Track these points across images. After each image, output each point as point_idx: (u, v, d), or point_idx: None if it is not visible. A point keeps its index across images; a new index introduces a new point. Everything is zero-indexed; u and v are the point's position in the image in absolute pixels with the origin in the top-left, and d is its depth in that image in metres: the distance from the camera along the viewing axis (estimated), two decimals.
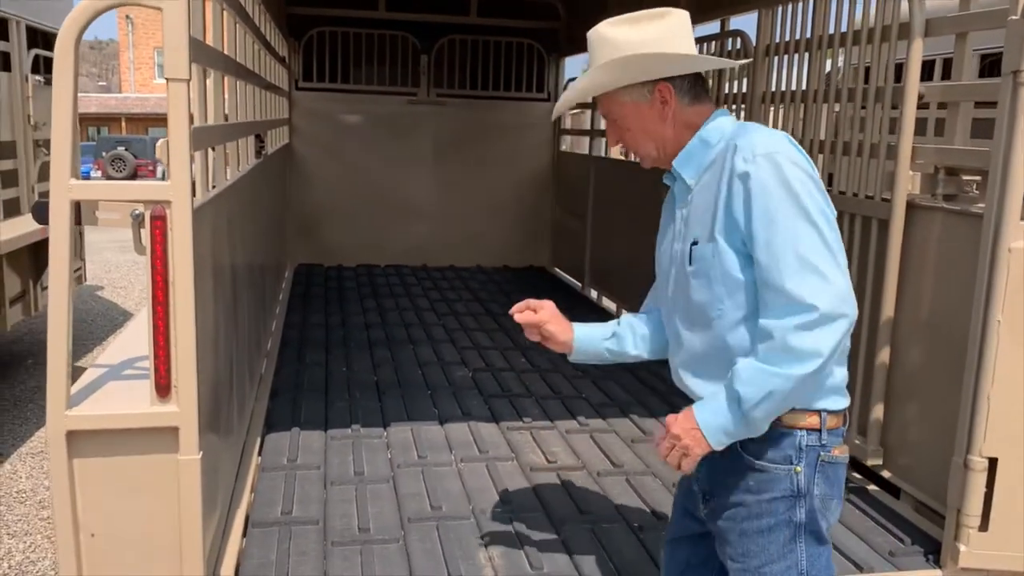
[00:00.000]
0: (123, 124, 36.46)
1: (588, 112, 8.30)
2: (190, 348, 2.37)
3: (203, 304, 2.57)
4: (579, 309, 6.96)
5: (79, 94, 2.31)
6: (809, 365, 1.68)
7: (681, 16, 1.91)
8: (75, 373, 2.42)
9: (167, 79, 2.28)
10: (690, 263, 1.87)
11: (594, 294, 7.68)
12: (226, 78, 3.66)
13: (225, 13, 3.51)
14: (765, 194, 1.71)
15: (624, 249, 6.95)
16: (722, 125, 1.90)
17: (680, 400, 2.01)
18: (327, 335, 5.76)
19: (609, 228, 7.29)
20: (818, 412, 1.82)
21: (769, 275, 1.72)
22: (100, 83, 53.63)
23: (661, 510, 3.32)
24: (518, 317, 2.17)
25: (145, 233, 2.35)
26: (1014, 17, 2.65)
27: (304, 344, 5.50)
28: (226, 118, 3.65)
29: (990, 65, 5.36)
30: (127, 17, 38.71)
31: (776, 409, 1.74)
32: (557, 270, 8.75)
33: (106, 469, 2.41)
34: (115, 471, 2.41)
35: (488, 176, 8.64)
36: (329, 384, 4.71)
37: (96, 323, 8.73)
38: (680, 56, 1.86)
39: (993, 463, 2.77)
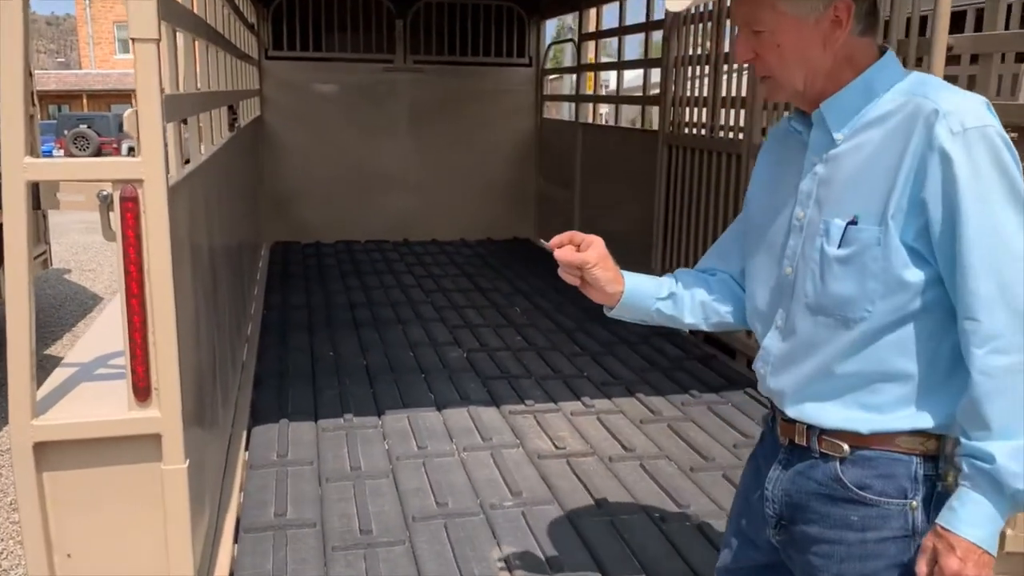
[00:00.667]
0: (84, 101, 35.47)
1: (572, 76, 8.01)
2: (171, 346, 2.10)
3: (183, 294, 2.30)
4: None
5: (36, 71, 2.01)
6: None
7: None
8: (43, 368, 2.14)
9: (133, 39, 1.99)
10: (840, 244, 1.46)
11: None
12: (196, 44, 3.35)
13: None
14: (978, 179, 1.35)
15: (615, 219, 6.71)
16: (893, 71, 1.50)
17: (686, 378, 1.71)
18: (310, 317, 5.49)
19: (598, 197, 7.05)
20: (938, 436, 1.47)
21: (983, 285, 1.35)
22: (59, 59, 52.27)
23: (680, 498, 3.12)
24: (558, 253, 1.66)
25: (114, 216, 2.07)
26: None
27: (286, 327, 5.22)
28: (198, 88, 3.35)
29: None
30: None
31: None
32: (543, 242, 8.50)
33: (80, 483, 2.15)
34: (91, 484, 2.16)
35: (469, 145, 8.35)
36: (316, 370, 4.45)
37: (65, 308, 8.38)
38: None
39: None
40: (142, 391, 2.14)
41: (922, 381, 1.44)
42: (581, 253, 1.66)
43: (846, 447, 1.49)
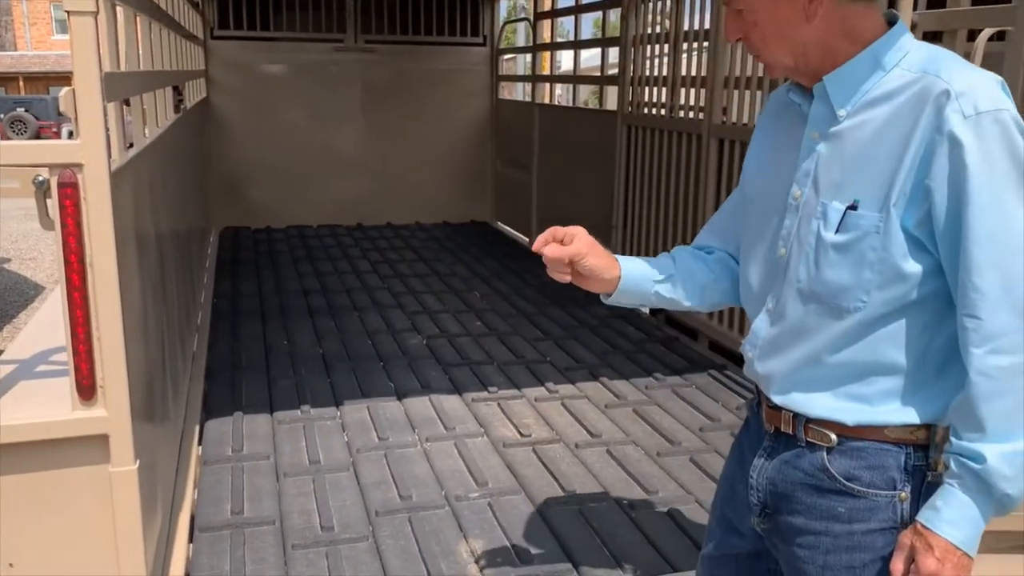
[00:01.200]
0: (21, 84, 34.28)
1: (528, 56, 7.90)
2: (117, 341, 1.97)
3: (129, 285, 2.16)
4: (528, 264, 6.66)
5: None
6: None
7: None
8: None
9: (68, 12, 1.84)
10: (837, 229, 1.38)
11: None
12: (138, 20, 3.18)
13: None
14: (989, 169, 1.25)
15: (574, 200, 6.64)
16: (903, 43, 1.38)
17: (649, 360, 1.64)
18: (262, 304, 5.33)
19: (557, 178, 6.97)
20: (928, 426, 1.40)
21: (987, 281, 1.27)
22: None
23: (648, 483, 3.07)
24: (547, 251, 1.54)
25: (52, 204, 1.93)
26: None
27: (237, 316, 5.06)
28: (140, 64, 3.18)
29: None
30: None
31: None
32: (501, 224, 8.40)
33: (21, 488, 2.01)
34: (33, 489, 2.02)
35: (423, 127, 8.19)
36: (270, 360, 4.31)
37: (5, 299, 8.07)
38: None
39: None
40: (87, 389, 2.00)
41: (913, 374, 1.38)
42: (569, 247, 1.56)
43: (833, 437, 1.44)
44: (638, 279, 1.63)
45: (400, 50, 8.10)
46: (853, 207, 1.36)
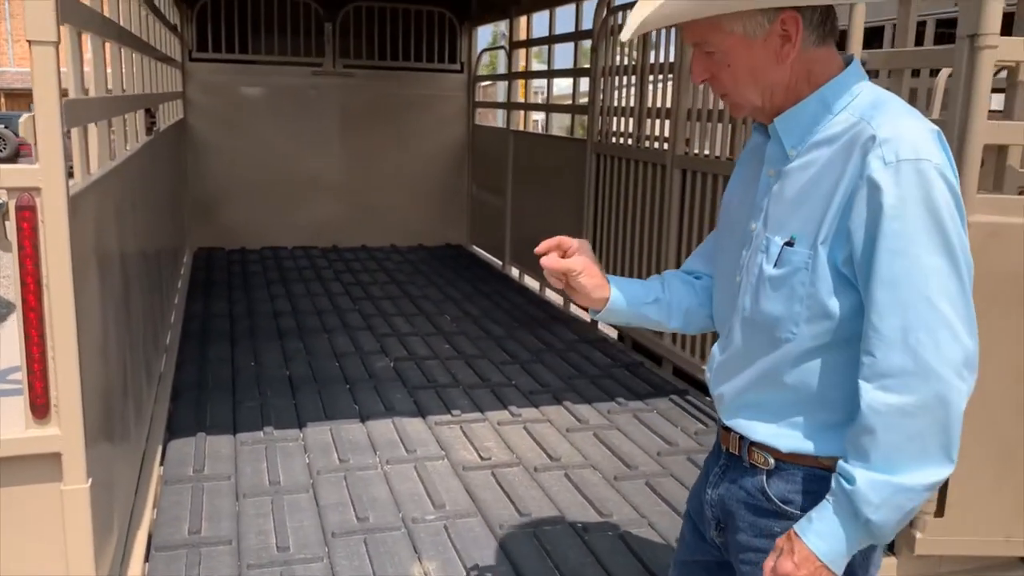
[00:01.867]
0: (2, 100, 34.16)
1: (503, 83, 8.01)
2: (71, 361, 2.01)
3: (87, 305, 2.20)
4: (500, 288, 6.73)
5: None
6: (947, 465, 1.34)
7: None
8: None
9: (30, 41, 1.90)
10: (775, 264, 1.45)
11: (515, 272, 7.45)
12: (108, 45, 3.23)
13: None
14: (902, 215, 1.30)
15: (546, 225, 6.70)
16: (852, 87, 1.44)
17: (614, 385, 1.72)
18: (232, 326, 5.35)
19: (530, 203, 7.05)
20: None
21: (887, 322, 1.32)
22: None
23: (603, 507, 3.12)
24: (543, 261, 1.63)
25: (10, 226, 1.98)
26: None
27: (207, 337, 5.08)
28: (108, 90, 3.23)
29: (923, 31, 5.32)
30: None
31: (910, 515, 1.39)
32: (476, 248, 8.47)
33: None
34: None
35: (400, 151, 8.27)
36: (236, 381, 4.33)
37: None
38: None
39: None
40: (40, 408, 2.04)
41: (843, 408, 1.44)
42: (566, 260, 1.63)
43: (772, 461, 1.52)
44: (627, 301, 1.70)
45: (378, 75, 8.18)
46: (790, 243, 1.43)
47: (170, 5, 6.45)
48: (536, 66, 8.26)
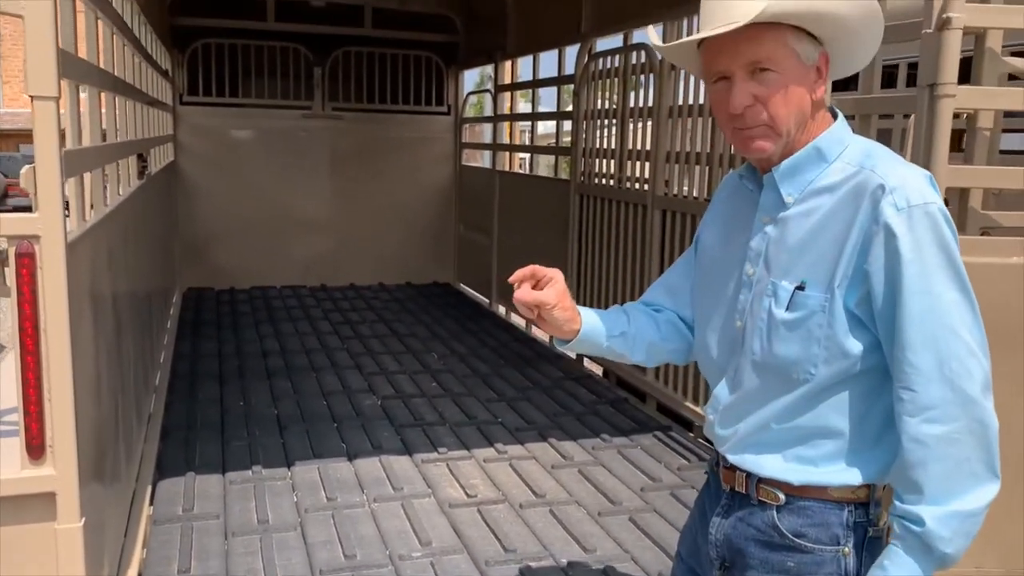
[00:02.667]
0: None
1: (489, 125, 8.17)
2: (67, 403, 2.08)
3: (82, 348, 2.27)
4: (487, 325, 6.80)
5: None
6: (995, 481, 1.42)
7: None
8: None
9: (31, 97, 1.99)
10: (788, 308, 1.51)
11: (502, 310, 7.53)
12: (102, 93, 3.33)
13: (100, 22, 3.19)
14: (920, 257, 1.40)
15: (531, 263, 6.81)
16: (843, 137, 1.53)
17: (598, 422, 1.79)
18: (220, 366, 5.40)
19: (516, 242, 7.16)
20: (869, 485, 1.54)
21: (921, 357, 1.41)
22: None
23: (587, 543, 3.17)
24: (516, 295, 1.65)
25: (10, 272, 2.05)
26: (928, 31, 2.63)
27: (196, 377, 5.13)
28: (103, 136, 3.32)
29: (888, 76, 5.51)
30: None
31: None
32: (463, 286, 8.56)
33: None
34: None
35: (388, 191, 8.39)
36: (225, 421, 4.38)
37: None
38: (877, 9, 1.46)
39: None
40: (36, 449, 2.10)
41: (853, 439, 1.52)
42: (539, 293, 1.64)
43: (782, 496, 1.57)
44: (594, 334, 1.73)
45: (367, 117, 8.33)
46: (801, 287, 1.50)
47: (162, 50, 6.58)
48: (523, 105, 8.43)
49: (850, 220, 1.45)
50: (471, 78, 24.20)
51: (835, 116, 1.56)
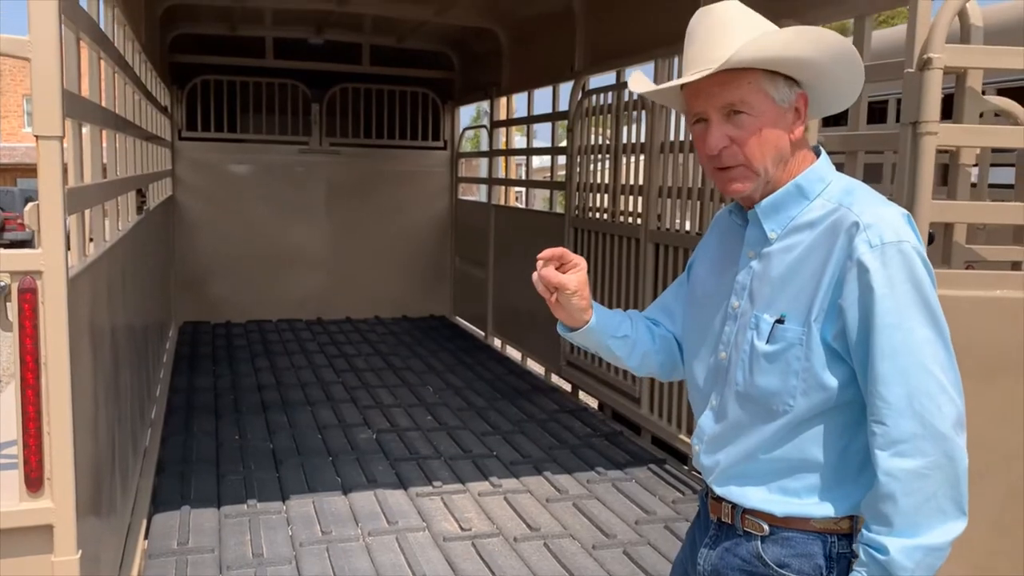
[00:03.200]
0: None
1: (484, 160, 8.26)
2: (66, 437, 2.10)
3: (81, 382, 2.30)
4: (482, 358, 6.83)
5: None
6: (962, 519, 1.45)
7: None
8: None
9: (37, 136, 2.04)
10: (768, 340, 1.55)
11: (497, 343, 7.57)
12: (104, 132, 3.39)
13: (102, 62, 3.26)
14: (892, 293, 1.43)
15: (527, 297, 6.85)
16: (824, 175, 1.57)
17: (593, 455, 1.82)
18: (216, 400, 5.42)
19: (511, 275, 7.21)
20: (851, 516, 1.56)
21: (892, 391, 1.43)
22: None
23: (582, 575, 3.18)
24: (542, 271, 1.65)
25: (12, 307, 2.09)
26: (910, 70, 2.70)
27: (192, 411, 5.14)
28: (104, 173, 3.38)
29: (871, 113, 5.60)
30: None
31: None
32: (459, 319, 8.60)
33: None
34: None
35: (385, 225, 8.46)
36: (221, 455, 4.39)
37: None
38: (854, 52, 1.49)
39: None
40: (34, 481, 2.12)
41: (835, 471, 1.54)
42: (563, 276, 1.66)
43: (766, 527, 1.59)
44: (601, 329, 1.75)
45: (364, 152, 8.43)
46: (780, 321, 1.54)
47: (161, 87, 6.68)
48: (519, 140, 8.53)
49: (827, 256, 1.49)
50: (468, 113, 24.45)
51: (818, 154, 1.60)
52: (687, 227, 4.57)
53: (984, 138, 2.79)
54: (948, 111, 2.77)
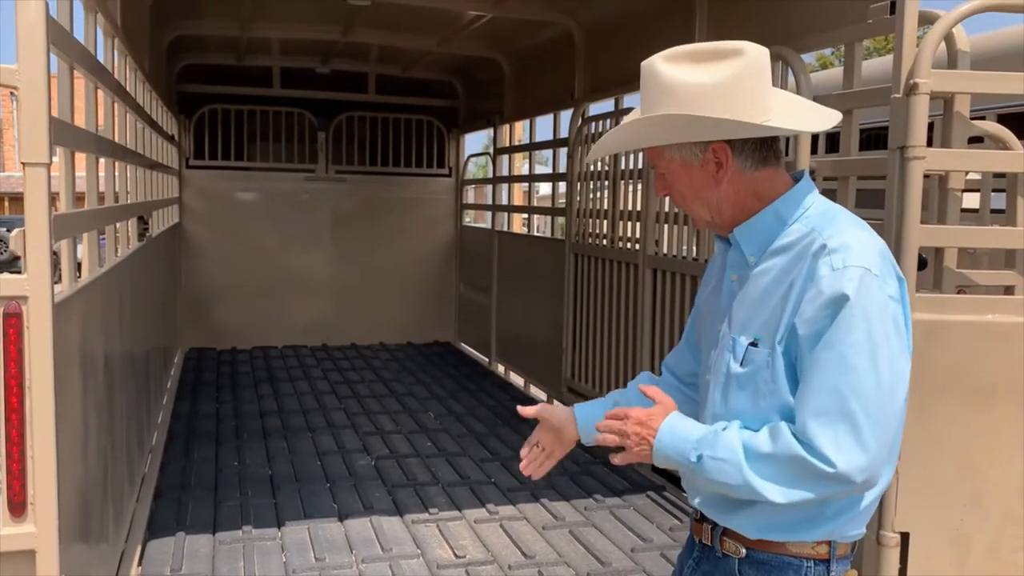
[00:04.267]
0: (6, 204, 34.82)
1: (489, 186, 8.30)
2: (49, 462, 2.11)
3: (68, 407, 2.32)
4: (485, 385, 6.82)
5: None
6: (781, 500, 1.47)
7: (756, 56, 1.54)
8: None
9: (24, 163, 2.07)
10: (741, 363, 1.57)
11: (501, 369, 7.55)
12: (101, 159, 3.44)
13: (100, 91, 3.31)
14: (837, 314, 1.44)
15: (529, 322, 6.87)
16: (804, 201, 1.59)
17: (592, 482, 1.83)
18: (218, 426, 5.42)
19: (514, 301, 7.22)
20: (828, 541, 1.57)
21: (804, 399, 1.46)
22: None
23: None
24: (528, 469, 2.00)
25: None
26: (897, 95, 2.71)
27: (192, 437, 5.15)
28: (101, 200, 3.41)
29: (865, 139, 5.60)
30: (11, 93, 37.33)
31: (721, 490, 1.54)
32: (463, 345, 8.60)
33: None
34: None
35: (390, 252, 8.51)
36: (219, 481, 4.39)
37: None
38: (736, 123, 1.50)
39: (905, 538, 2.73)
40: (17, 506, 2.12)
41: None
42: (540, 452, 1.95)
43: (743, 549, 1.60)
44: (592, 419, 1.81)
45: (369, 179, 8.49)
46: (754, 343, 1.56)
47: (169, 117, 6.76)
48: (525, 166, 8.60)
49: (793, 279, 1.51)
50: (479, 140, 24.51)
51: (798, 180, 1.62)
52: (684, 253, 4.57)
53: (971, 162, 2.79)
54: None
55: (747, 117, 1.51)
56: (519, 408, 1.94)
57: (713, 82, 1.51)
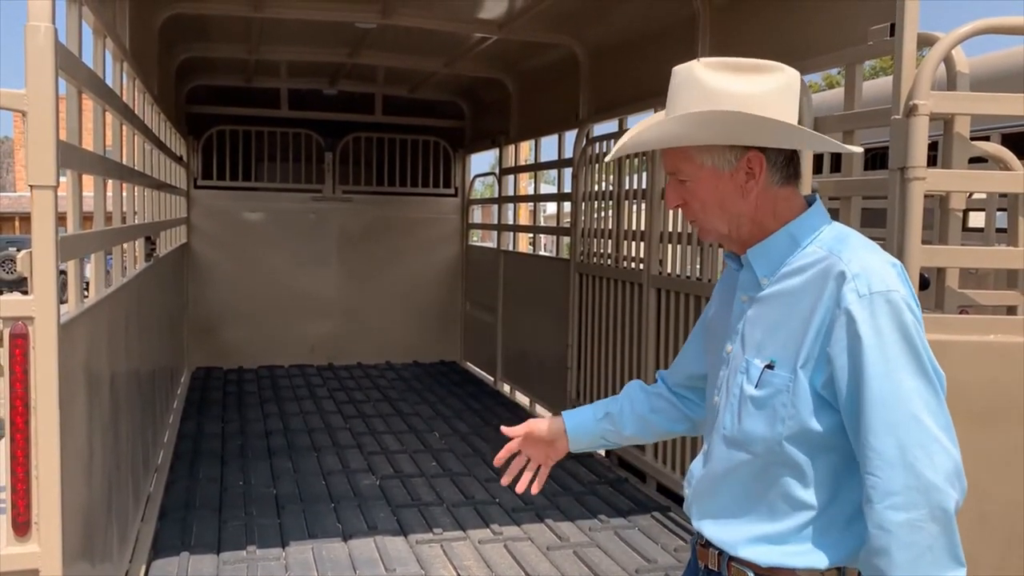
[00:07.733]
0: (16, 224, 35.08)
1: (495, 206, 8.34)
2: (54, 482, 2.13)
3: (73, 427, 2.33)
4: (490, 404, 6.82)
5: None
6: (960, 568, 1.41)
7: (793, 76, 1.54)
8: None
9: (31, 185, 2.10)
10: (756, 386, 1.55)
11: (506, 388, 7.55)
12: (108, 180, 3.47)
13: (108, 114, 3.35)
14: (881, 343, 1.43)
15: (534, 341, 6.88)
16: (816, 223, 1.58)
17: (597, 502, 1.82)
18: (223, 445, 5.43)
19: (520, 320, 7.23)
20: (839, 568, 1.53)
21: (883, 442, 1.41)
22: None
23: None
24: (522, 486, 1.95)
25: (3, 352, 2.13)
26: (897, 116, 2.73)
27: (198, 457, 5.16)
28: (108, 220, 3.45)
29: (871, 159, 5.62)
30: (23, 114, 37.60)
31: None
32: (469, 364, 8.60)
33: None
34: None
35: (396, 271, 8.54)
36: (224, 501, 4.39)
37: None
38: (789, 126, 1.49)
39: None
40: (21, 526, 2.14)
41: (823, 518, 1.52)
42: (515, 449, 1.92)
43: (751, 575, 1.58)
44: (581, 428, 1.88)
45: (376, 200, 8.54)
46: (770, 366, 1.53)
47: (177, 138, 6.82)
48: (532, 187, 8.65)
49: (815, 302, 1.49)
50: (485, 160, 24.70)
51: (811, 203, 1.60)
52: (688, 272, 4.58)
53: (971, 183, 2.80)
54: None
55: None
56: (503, 428, 1.95)
57: (762, 92, 1.51)
